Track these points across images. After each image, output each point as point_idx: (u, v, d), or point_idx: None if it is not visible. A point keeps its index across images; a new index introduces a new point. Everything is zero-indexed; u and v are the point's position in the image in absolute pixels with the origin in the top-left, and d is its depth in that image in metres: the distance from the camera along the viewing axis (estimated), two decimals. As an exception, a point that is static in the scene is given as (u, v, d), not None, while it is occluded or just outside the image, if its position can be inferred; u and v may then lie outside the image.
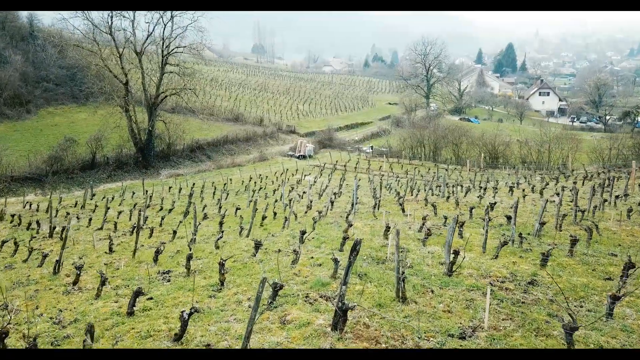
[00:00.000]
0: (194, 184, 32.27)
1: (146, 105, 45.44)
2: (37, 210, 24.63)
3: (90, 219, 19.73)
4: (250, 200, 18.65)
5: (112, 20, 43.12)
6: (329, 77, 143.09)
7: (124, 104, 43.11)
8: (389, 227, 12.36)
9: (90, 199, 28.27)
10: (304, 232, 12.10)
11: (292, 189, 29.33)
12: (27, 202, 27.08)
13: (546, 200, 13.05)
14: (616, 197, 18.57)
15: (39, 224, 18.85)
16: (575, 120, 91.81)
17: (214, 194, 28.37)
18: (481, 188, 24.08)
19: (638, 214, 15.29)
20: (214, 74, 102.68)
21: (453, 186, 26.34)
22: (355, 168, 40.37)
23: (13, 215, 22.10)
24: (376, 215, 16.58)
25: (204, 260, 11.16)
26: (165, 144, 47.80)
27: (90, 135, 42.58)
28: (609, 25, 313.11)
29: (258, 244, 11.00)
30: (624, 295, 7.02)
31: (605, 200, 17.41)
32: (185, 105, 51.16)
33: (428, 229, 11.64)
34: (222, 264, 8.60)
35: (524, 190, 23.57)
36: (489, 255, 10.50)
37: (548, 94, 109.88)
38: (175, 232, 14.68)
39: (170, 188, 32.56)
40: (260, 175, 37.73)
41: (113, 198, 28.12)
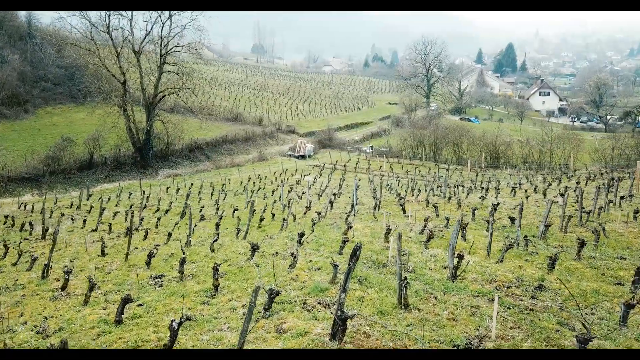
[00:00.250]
0: (192, 184, 31.86)
1: (144, 104, 45.08)
2: (32, 211, 24.26)
3: (85, 220, 19.35)
4: (249, 201, 18.29)
5: (110, 19, 42.80)
6: (329, 77, 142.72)
7: (121, 103, 42.76)
8: (390, 229, 12.00)
9: (87, 200, 27.89)
10: (302, 235, 11.75)
11: (292, 189, 28.97)
12: (22, 203, 26.69)
13: (551, 202, 12.70)
14: (621, 198, 18.22)
15: (31, 225, 18.46)
16: (575, 120, 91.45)
17: (212, 194, 27.99)
18: (483, 188, 23.72)
19: (645, 215, 14.91)
20: (214, 74, 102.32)
21: (454, 187, 25.99)
22: (355, 168, 40.00)
23: (6, 217, 21.73)
24: (376, 216, 16.22)
25: (199, 264, 10.78)
26: (163, 144, 47.38)
27: (88, 135, 42.20)
28: (609, 25, 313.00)
29: (254, 247, 10.64)
30: (638, 303, 6.66)
31: (610, 201, 17.05)
32: (184, 105, 50.77)
33: (430, 231, 11.28)
34: (216, 269, 8.24)
35: (526, 190, 23.22)
36: (494, 258, 10.14)
37: (548, 94, 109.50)
38: (170, 234, 14.28)
39: (168, 188, 32.17)
40: (259, 175, 37.35)
41: (109, 199, 27.74)
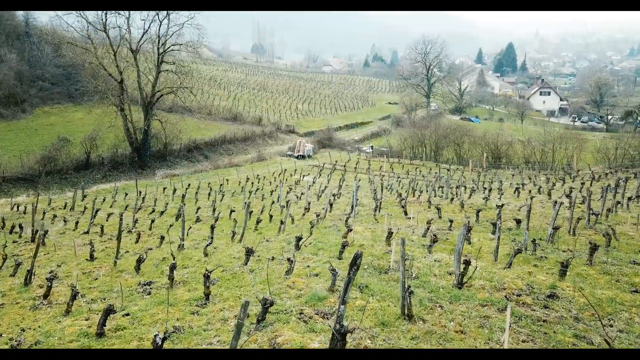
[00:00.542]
0: (189, 185, 31.35)
1: (142, 104, 44.53)
2: (25, 212, 23.71)
3: (77, 222, 18.82)
4: (246, 202, 17.78)
5: (107, 17, 42.25)
6: (329, 77, 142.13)
7: (119, 102, 42.22)
8: (392, 232, 11.50)
9: (82, 201, 27.34)
10: (300, 238, 11.24)
11: (290, 189, 28.46)
12: (16, 204, 26.15)
13: (560, 203, 12.20)
14: (628, 199, 17.73)
15: (21, 227, 17.92)
16: (576, 119, 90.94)
17: (209, 195, 27.47)
18: (485, 189, 23.20)
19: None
20: (213, 74, 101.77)
21: (456, 187, 25.48)
22: (355, 168, 39.49)
23: (-2, 218, 21.19)
24: (377, 218, 15.71)
25: (191, 269, 10.26)
26: (161, 144, 46.82)
27: (85, 134, 41.66)
28: (609, 25, 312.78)
29: (250, 251, 10.13)
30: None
31: (618, 202, 16.56)
32: (182, 105, 50.19)
33: (434, 234, 10.76)
34: (207, 276, 7.73)
35: (530, 191, 22.73)
36: (501, 263, 9.63)
37: (549, 94, 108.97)
38: (163, 238, 13.76)
39: (164, 189, 31.62)
40: (257, 175, 36.83)
41: (104, 199, 27.21)
